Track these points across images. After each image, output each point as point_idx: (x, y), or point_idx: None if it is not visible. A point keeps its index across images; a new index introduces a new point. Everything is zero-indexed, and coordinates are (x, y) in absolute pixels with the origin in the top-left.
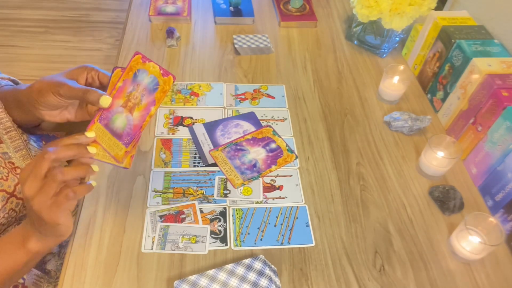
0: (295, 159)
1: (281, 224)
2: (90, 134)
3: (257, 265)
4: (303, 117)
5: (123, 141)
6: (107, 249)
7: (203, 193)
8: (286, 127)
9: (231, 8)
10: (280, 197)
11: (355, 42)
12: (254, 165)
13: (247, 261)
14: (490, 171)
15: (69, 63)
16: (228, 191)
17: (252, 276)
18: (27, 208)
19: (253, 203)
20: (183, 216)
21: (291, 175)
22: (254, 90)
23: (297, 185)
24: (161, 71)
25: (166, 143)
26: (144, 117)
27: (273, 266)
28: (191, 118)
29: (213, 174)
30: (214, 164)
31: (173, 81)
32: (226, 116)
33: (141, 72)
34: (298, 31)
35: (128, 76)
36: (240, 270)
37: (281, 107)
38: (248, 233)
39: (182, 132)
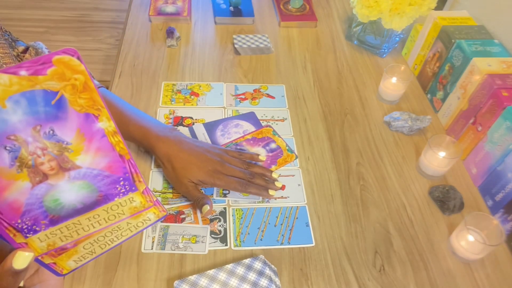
0: (295, 159)
1: (281, 224)
2: (21, 263)
3: (257, 265)
4: (303, 117)
5: (114, 196)
6: None
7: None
8: (286, 127)
9: (231, 8)
10: (282, 197)
11: (355, 42)
12: None
13: (247, 261)
14: (490, 171)
15: None
16: (228, 191)
17: (252, 276)
18: None
19: (253, 203)
20: (183, 216)
21: (293, 175)
22: (254, 90)
23: (299, 185)
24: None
25: None
26: (107, 144)
27: (273, 266)
28: (191, 118)
29: None
30: None
31: None
32: (226, 116)
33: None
34: (298, 31)
35: None
36: (240, 270)
37: (281, 107)
38: (248, 233)
39: (182, 132)
